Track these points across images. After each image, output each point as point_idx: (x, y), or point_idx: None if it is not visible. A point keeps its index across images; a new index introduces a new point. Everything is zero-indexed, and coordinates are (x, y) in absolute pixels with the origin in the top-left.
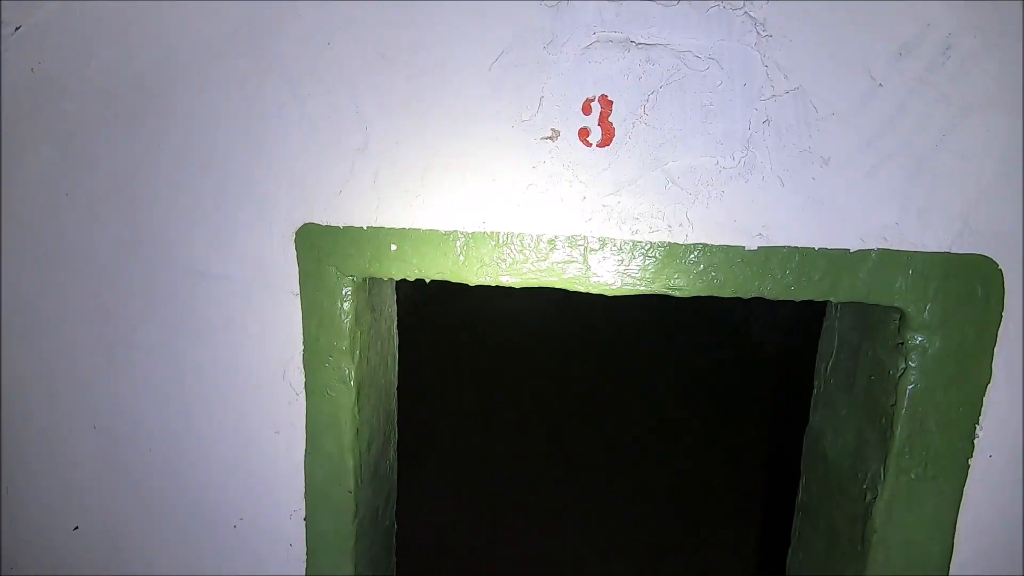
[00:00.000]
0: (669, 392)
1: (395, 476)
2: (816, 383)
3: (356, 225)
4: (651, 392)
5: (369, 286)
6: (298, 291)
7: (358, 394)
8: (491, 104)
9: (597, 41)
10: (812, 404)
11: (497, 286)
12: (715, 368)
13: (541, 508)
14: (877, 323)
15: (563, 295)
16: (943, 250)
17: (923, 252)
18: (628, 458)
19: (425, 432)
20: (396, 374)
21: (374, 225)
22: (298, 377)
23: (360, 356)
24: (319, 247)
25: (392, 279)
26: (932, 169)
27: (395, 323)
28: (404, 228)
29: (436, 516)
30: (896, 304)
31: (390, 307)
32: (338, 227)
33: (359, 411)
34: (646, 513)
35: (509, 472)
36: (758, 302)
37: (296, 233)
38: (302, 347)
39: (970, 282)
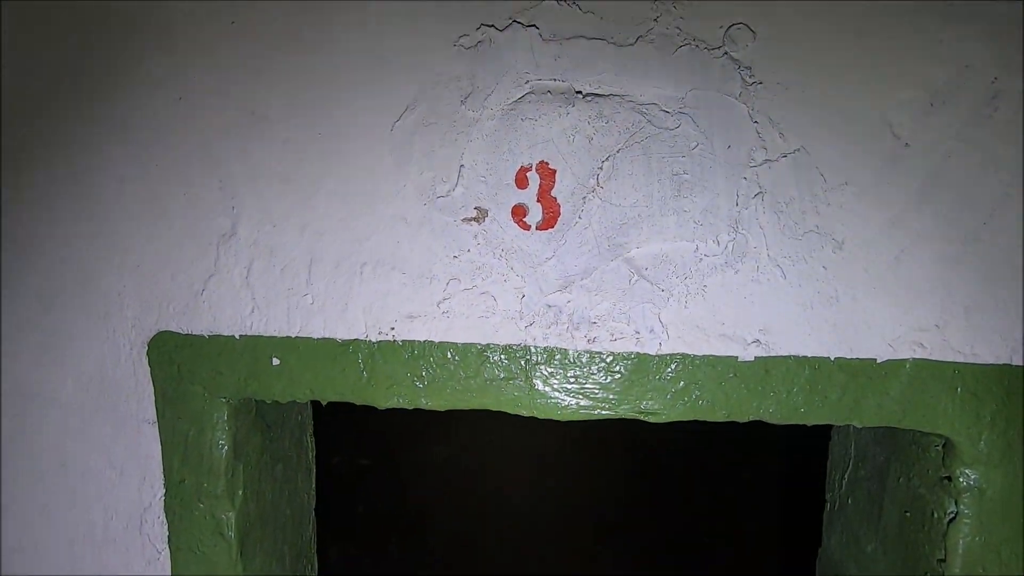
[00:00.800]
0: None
1: None
2: (828, 495)
3: (225, 334)
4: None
5: (258, 402)
6: (155, 419)
7: (242, 546)
8: (395, 175)
9: (531, 92)
10: (825, 521)
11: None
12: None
13: None
14: (910, 445)
15: None
16: (1001, 362)
17: (974, 364)
18: None
19: None
20: (312, 490)
21: (249, 333)
22: (159, 529)
23: (245, 496)
24: (179, 362)
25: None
26: (981, 254)
27: (309, 431)
28: (289, 337)
29: None
30: (941, 431)
31: (299, 415)
32: (202, 336)
33: (244, 566)
34: None
35: None
36: None
37: (149, 344)
38: (163, 491)
39: None
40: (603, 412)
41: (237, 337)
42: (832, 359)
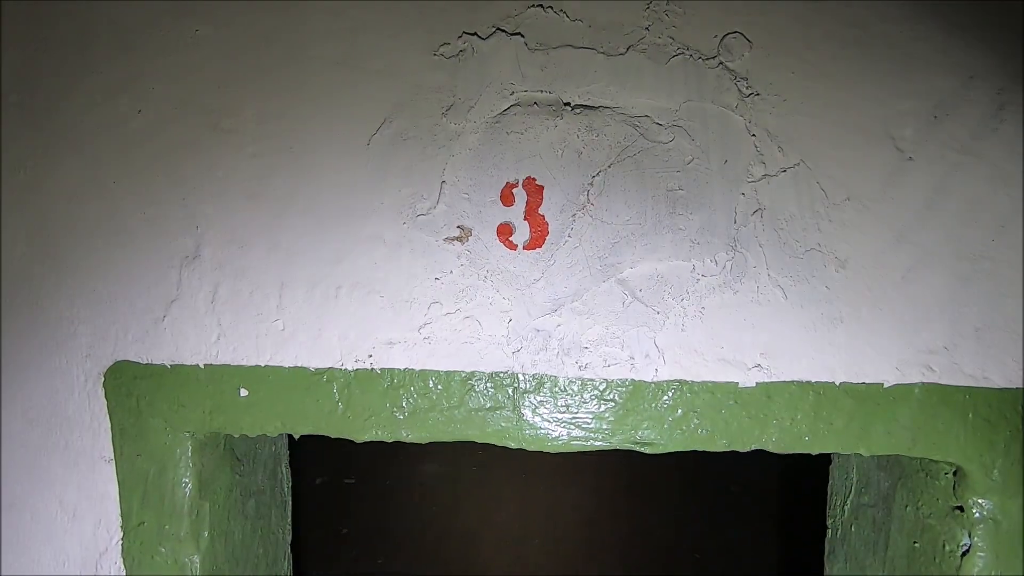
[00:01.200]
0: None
1: None
2: (830, 522)
3: (188, 363)
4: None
5: (226, 435)
6: (111, 456)
7: None
8: (372, 193)
9: (517, 104)
10: (827, 548)
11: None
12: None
13: None
14: (918, 472)
15: None
16: (1014, 385)
17: (986, 388)
18: None
19: None
20: (288, 524)
21: (215, 363)
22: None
23: (212, 537)
24: (138, 394)
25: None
26: (990, 272)
27: (284, 462)
28: (258, 366)
29: None
30: (952, 459)
31: (274, 445)
32: (163, 366)
33: None
34: None
35: None
36: None
37: (104, 375)
38: (121, 534)
39: None
40: (596, 443)
41: (201, 367)
42: (837, 384)
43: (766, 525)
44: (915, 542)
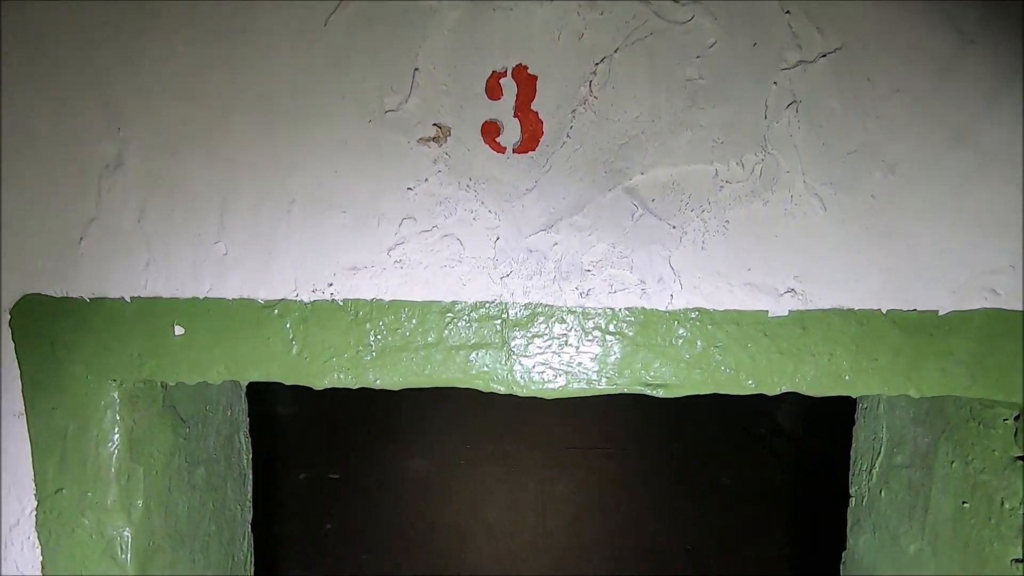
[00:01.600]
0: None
1: None
2: (853, 489)
3: (112, 296)
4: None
5: (167, 388)
6: (22, 410)
7: (143, 572)
8: (331, 85)
9: None
10: (850, 519)
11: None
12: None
13: None
14: (967, 421)
15: None
16: None
17: None
18: None
19: None
20: (248, 500)
21: (144, 295)
22: (30, 553)
23: (147, 507)
24: (53, 335)
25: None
26: None
27: (243, 428)
28: (196, 298)
29: None
30: (1017, 399)
31: (229, 408)
32: (82, 300)
33: None
34: None
35: None
36: None
37: (11, 312)
38: (35, 503)
39: None
40: (600, 386)
41: (128, 300)
42: (884, 312)
43: (762, 514)
44: (964, 502)
